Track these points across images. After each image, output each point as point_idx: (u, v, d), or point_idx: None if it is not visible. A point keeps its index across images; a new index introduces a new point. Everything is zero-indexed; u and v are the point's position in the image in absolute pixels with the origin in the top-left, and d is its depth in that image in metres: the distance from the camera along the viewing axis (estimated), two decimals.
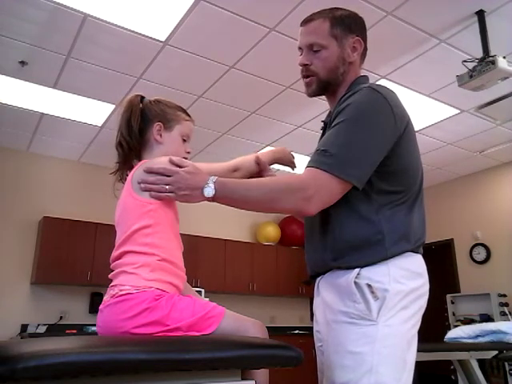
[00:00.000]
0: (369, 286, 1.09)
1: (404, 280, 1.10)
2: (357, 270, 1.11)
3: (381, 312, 1.07)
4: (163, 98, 1.37)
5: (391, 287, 1.08)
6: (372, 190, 1.14)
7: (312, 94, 1.31)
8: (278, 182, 1.12)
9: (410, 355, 1.10)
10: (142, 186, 1.16)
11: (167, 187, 1.14)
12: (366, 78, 1.31)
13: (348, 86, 1.27)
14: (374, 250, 1.11)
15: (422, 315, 1.15)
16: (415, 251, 1.16)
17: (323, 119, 1.33)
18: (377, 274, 1.10)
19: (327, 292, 1.19)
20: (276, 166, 1.52)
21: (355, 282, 1.10)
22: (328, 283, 1.19)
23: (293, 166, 1.50)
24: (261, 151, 1.48)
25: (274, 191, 1.11)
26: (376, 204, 1.14)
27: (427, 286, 1.17)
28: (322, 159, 1.10)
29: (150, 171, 1.16)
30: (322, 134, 1.24)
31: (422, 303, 1.14)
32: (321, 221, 1.20)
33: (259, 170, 1.40)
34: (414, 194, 1.19)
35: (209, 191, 1.11)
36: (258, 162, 1.37)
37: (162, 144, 1.30)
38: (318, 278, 1.25)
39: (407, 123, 1.19)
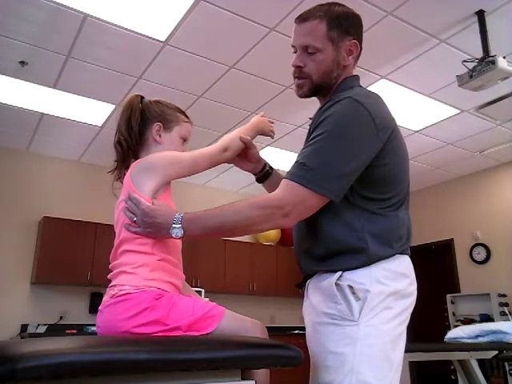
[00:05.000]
0: (350, 287, 1.09)
1: (387, 280, 1.10)
2: (339, 272, 1.11)
3: (362, 312, 1.07)
4: (163, 99, 1.37)
5: (373, 288, 1.08)
6: (355, 197, 1.14)
7: (303, 96, 1.29)
8: (253, 206, 1.10)
9: (396, 354, 1.09)
10: (122, 206, 1.19)
11: (135, 219, 1.15)
12: (355, 77, 1.29)
13: (336, 87, 1.25)
14: (356, 256, 1.11)
15: (409, 315, 1.15)
16: (401, 253, 1.16)
17: (311, 116, 1.30)
18: (359, 276, 1.10)
19: (313, 295, 1.20)
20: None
21: (337, 284, 1.10)
22: (314, 286, 1.20)
23: (272, 134, 1.46)
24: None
25: (251, 216, 1.10)
26: (359, 210, 1.13)
27: (414, 286, 1.17)
28: (300, 173, 1.09)
29: (129, 197, 1.17)
30: (309, 132, 1.22)
31: (409, 303, 1.14)
32: (306, 226, 1.21)
33: (245, 147, 1.38)
34: (399, 200, 1.18)
35: (177, 232, 1.10)
36: (243, 141, 1.35)
37: (161, 144, 1.31)
38: (308, 281, 1.25)
39: (392, 131, 1.16)
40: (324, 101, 1.26)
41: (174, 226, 1.10)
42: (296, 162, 1.13)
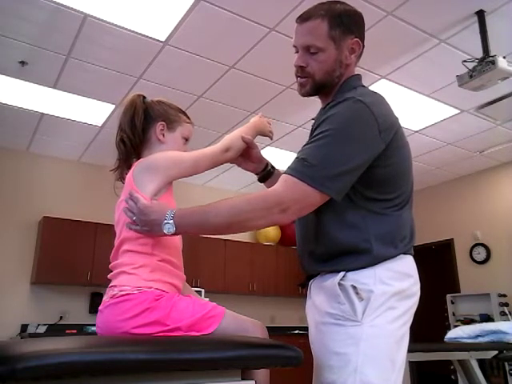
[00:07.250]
0: (354, 287, 1.09)
1: (390, 281, 1.10)
2: (343, 272, 1.11)
3: (366, 312, 1.07)
4: (165, 99, 1.38)
5: (376, 288, 1.08)
6: (358, 197, 1.13)
7: (305, 95, 1.28)
8: (249, 202, 1.08)
9: (400, 355, 1.09)
10: (123, 206, 1.19)
11: (134, 218, 1.15)
12: (358, 77, 1.28)
13: (339, 87, 1.25)
14: (361, 257, 1.10)
15: (412, 315, 1.14)
16: (405, 253, 1.15)
17: (314, 117, 1.30)
18: (362, 276, 1.10)
19: (317, 295, 1.19)
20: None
21: (340, 284, 1.10)
22: (317, 286, 1.20)
23: (271, 135, 1.47)
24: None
25: (247, 211, 1.07)
26: (363, 210, 1.13)
27: (417, 286, 1.16)
28: (301, 169, 1.08)
29: (129, 196, 1.18)
30: (312, 131, 1.22)
31: (412, 303, 1.14)
32: (310, 227, 1.20)
33: (247, 147, 1.38)
34: (403, 200, 1.17)
35: (169, 227, 1.09)
36: (245, 141, 1.35)
37: (164, 143, 1.31)
38: (311, 281, 1.25)
39: (395, 131, 1.15)
40: (326, 100, 1.25)
41: (165, 221, 1.09)
42: (297, 157, 1.12)
